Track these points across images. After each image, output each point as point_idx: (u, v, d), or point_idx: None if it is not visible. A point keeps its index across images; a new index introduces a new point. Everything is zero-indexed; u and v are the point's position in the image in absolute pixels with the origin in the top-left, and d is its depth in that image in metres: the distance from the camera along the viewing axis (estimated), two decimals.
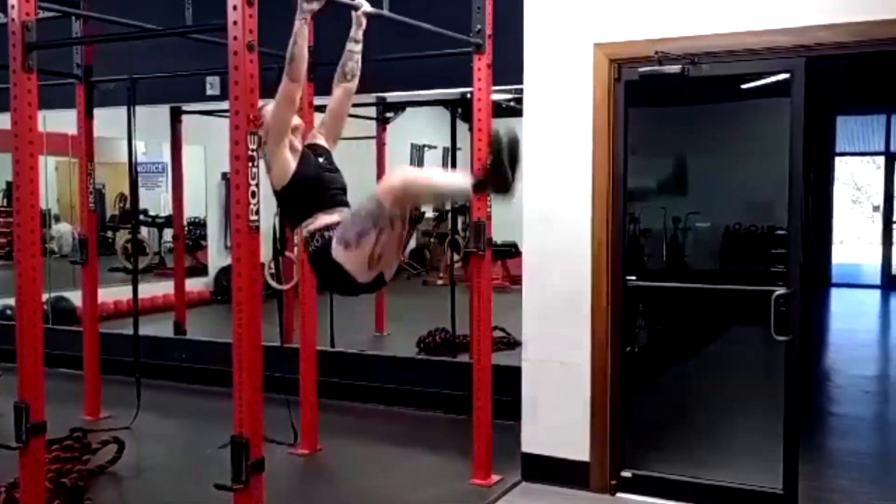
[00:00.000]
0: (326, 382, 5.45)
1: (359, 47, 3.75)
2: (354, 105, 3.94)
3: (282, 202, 3.60)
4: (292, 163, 3.53)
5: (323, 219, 3.52)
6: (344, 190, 3.70)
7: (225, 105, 3.13)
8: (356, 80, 3.80)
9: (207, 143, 9.62)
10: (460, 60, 4.48)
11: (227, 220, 9.40)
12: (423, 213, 14.30)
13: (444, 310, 6.68)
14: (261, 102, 3.34)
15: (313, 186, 3.56)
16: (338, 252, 3.35)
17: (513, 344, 6.30)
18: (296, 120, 3.61)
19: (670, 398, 6.01)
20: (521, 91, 4.56)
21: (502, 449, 4.60)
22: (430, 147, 13.16)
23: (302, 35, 3.34)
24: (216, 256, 10.57)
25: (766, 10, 3.91)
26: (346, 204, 3.65)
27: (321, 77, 3.78)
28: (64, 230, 9.58)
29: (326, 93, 3.82)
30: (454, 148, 7.47)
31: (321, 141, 3.75)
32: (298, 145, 3.57)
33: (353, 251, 3.32)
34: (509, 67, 4.53)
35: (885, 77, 9.49)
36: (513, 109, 6.15)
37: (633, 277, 4.35)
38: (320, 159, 3.66)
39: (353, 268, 3.36)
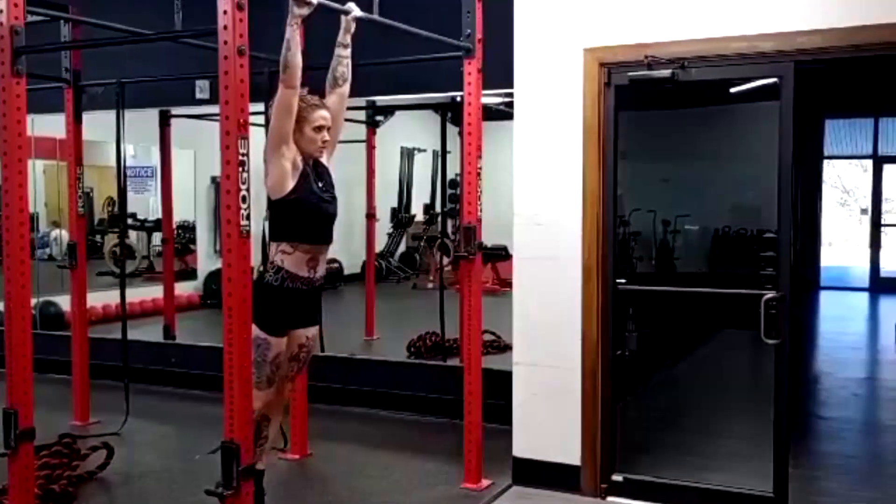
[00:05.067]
0: (316, 387, 5.43)
1: (347, 52, 3.76)
2: None
3: (270, 212, 3.63)
4: (290, 179, 3.55)
5: (297, 261, 3.63)
6: (332, 221, 3.77)
7: (214, 109, 3.12)
8: (348, 85, 3.80)
9: (197, 146, 9.61)
10: (451, 64, 4.49)
11: (217, 224, 9.43)
12: (414, 215, 14.28)
13: (435, 313, 6.67)
14: None
15: (305, 213, 3.62)
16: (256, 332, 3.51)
17: (503, 347, 6.30)
18: (324, 119, 3.63)
19: (661, 402, 6.04)
20: (511, 95, 4.56)
21: (493, 453, 4.59)
22: (420, 150, 13.17)
23: (294, 41, 3.34)
24: (205, 260, 10.54)
25: (756, 15, 3.92)
26: (327, 242, 3.75)
27: (313, 81, 3.77)
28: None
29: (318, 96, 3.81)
30: (444, 151, 7.48)
31: (324, 158, 3.75)
32: (300, 164, 3.58)
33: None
34: (499, 71, 4.54)
35: (872, 80, 9.56)
36: (503, 113, 6.16)
37: (624, 281, 4.35)
38: (320, 184, 3.67)
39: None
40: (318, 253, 3.71)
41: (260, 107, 4.20)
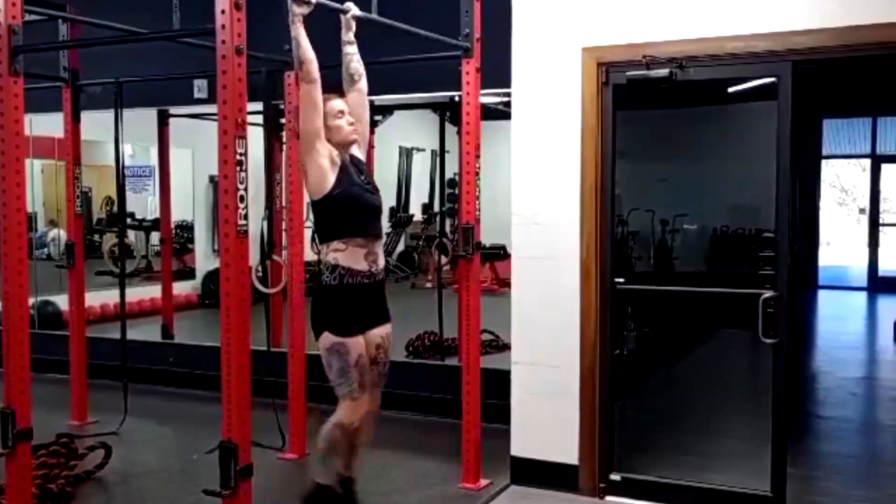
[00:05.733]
0: (314, 386, 5.42)
1: (354, 48, 3.74)
2: None
3: (315, 213, 3.57)
4: (331, 175, 3.48)
5: (352, 256, 3.52)
6: (379, 213, 3.70)
7: (213, 108, 3.12)
8: (364, 79, 3.78)
9: (195, 146, 9.60)
10: (449, 64, 4.48)
11: (215, 224, 9.42)
12: (412, 215, 14.18)
13: (433, 312, 6.67)
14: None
15: (351, 207, 3.53)
16: (325, 342, 3.56)
17: (502, 347, 6.30)
18: (340, 105, 3.58)
19: (659, 401, 6.04)
20: (509, 94, 4.56)
21: (491, 452, 4.59)
22: (418, 150, 13.18)
23: (301, 37, 3.33)
24: (203, 260, 10.53)
25: (753, 15, 3.93)
26: (379, 234, 3.64)
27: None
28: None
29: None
30: (443, 151, 7.48)
31: (358, 152, 3.73)
32: (338, 159, 3.53)
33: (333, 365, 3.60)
34: (498, 70, 4.54)
35: (870, 80, 9.57)
36: (501, 112, 6.17)
37: (622, 280, 4.35)
38: (362, 177, 3.63)
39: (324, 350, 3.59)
40: (372, 247, 3.58)
41: (258, 106, 4.20)
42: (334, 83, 3.76)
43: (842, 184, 21.00)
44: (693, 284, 6.98)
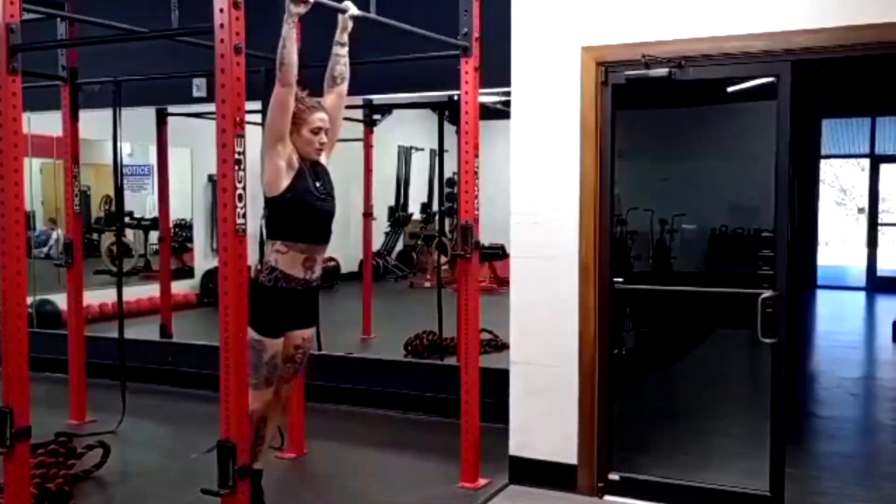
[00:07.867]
0: (313, 385, 5.43)
1: (345, 50, 3.74)
2: None
3: (268, 210, 3.61)
4: (285, 177, 3.52)
5: (291, 261, 3.60)
6: (330, 220, 3.73)
7: (211, 107, 3.12)
8: (346, 84, 3.79)
9: (194, 145, 9.60)
10: (448, 63, 4.48)
11: (214, 223, 9.41)
12: (411, 214, 14.18)
13: (432, 312, 6.67)
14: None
15: (299, 212, 3.59)
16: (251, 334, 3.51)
17: (501, 346, 6.30)
18: (322, 121, 3.61)
19: (658, 401, 6.04)
20: (508, 93, 4.56)
21: (490, 452, 4.59)
22: (417, 149, 13.17)
23: (290, 39, 3.33)
24: (202, 259, 10.53)
25: (753, 15, 3.92)
26: (324, 241, 3.72)
27: (308, 79, 3.77)
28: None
29: (314, 95, 3.80)
30: (441, 150, 7.48)
31: (322, 157, 3.73)
32: (297, 163, 3.56)
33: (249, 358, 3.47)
34: (497, 70, 4.53)
35: (869, 80, 9.56)
36: (500, 111, 6.16)
37: (621, 280, 4.35)
38: (317, 184, 3.65)
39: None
40: (313, 253, 3.68)
41: (257, 105, 4.20)
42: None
43: (840, 183, 21.02)
44: (692, 284, 6.98)
